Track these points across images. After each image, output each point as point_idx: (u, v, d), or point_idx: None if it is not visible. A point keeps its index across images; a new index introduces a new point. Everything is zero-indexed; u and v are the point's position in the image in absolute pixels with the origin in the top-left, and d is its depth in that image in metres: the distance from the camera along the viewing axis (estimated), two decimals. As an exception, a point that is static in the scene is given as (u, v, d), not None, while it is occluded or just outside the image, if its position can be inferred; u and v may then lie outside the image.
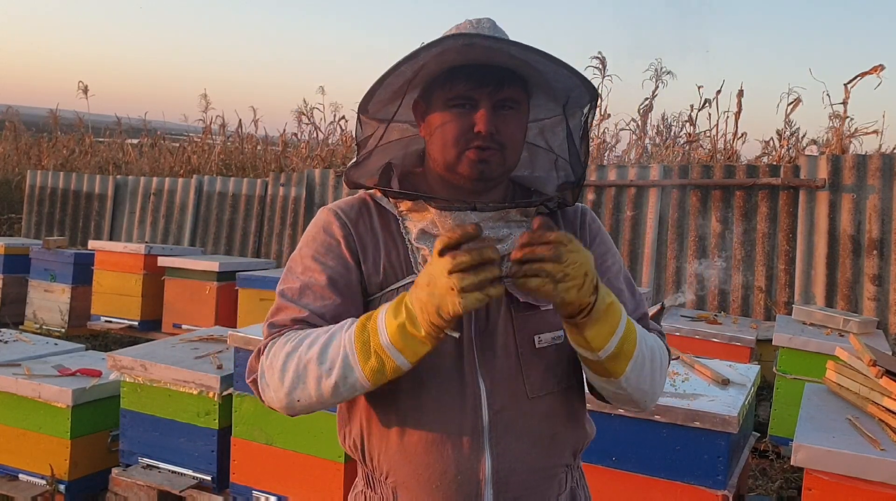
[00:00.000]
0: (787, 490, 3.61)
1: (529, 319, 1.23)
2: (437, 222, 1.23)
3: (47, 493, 3.09)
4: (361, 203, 1.30)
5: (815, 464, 1.95)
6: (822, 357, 3.52)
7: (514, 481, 1.20)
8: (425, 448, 1.19)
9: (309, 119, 10.82)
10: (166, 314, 6.15)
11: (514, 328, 1.22)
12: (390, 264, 1.23)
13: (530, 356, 1.22)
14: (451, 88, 1.18)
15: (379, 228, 1.26)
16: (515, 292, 1.21)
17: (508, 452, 1.20)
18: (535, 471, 1.22)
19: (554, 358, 1.24)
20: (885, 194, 5.51)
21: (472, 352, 1.20)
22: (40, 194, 9.15)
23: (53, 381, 3.12)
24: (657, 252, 6.15)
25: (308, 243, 1.27)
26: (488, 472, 1.19)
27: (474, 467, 1.18)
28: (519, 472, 1.21)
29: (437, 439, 1.18)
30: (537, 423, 1.22)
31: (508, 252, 1.16)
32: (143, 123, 12.35)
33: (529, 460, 1.21)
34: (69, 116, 12.62)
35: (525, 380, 1.22)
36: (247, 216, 7.99)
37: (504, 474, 1.19)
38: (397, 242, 1.25)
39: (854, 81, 6.75)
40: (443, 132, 1.20)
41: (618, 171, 6.41)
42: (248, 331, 2.92)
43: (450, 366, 1.19)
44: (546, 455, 1.23)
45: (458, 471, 1.18)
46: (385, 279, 1.23)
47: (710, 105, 8.21)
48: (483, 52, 1.14)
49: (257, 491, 2.92)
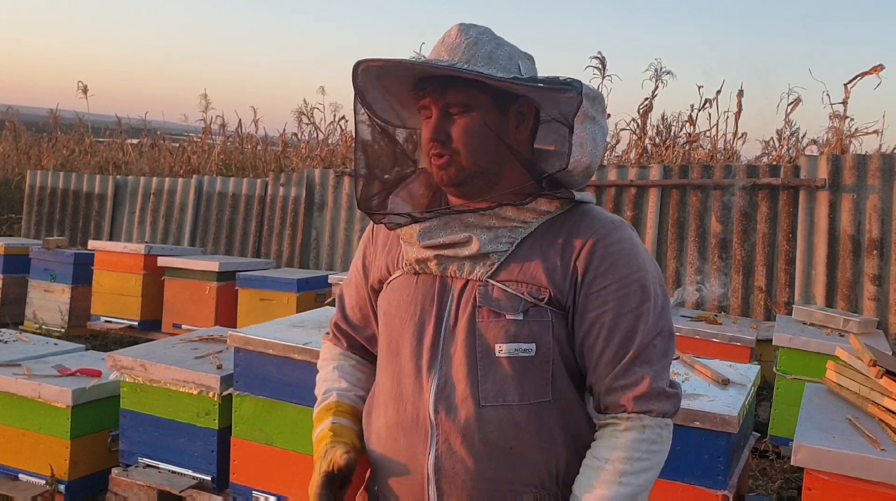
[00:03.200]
0: (787, 490, 3.61)
1: (491, 326, 1.21)
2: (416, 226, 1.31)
3: (47, 493, 3.08)
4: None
5: (815, 464, 1.95)
6: (823, 357, 3.52)
7: (457, 484, 1.19)
8: (387, 432, 1.27)
9: (309, 119, 10.82)
10: (166, 314, 6.15)
11: (476, 332, 1.21)
12: (386, 261, 1.35)
13: (488, 364, 1.20)
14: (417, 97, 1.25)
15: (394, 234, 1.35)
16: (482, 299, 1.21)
17: (451, 455, 1.20)
18: (483, 481, 1.20)
19: (518, 370, 1.20)
20: (885, 194, 5.51)
21: (436, 348, 1.23)
22: (40, 194, 9.15)
23: (53, 381, 3.12)
24: (657, 252, 6.15)
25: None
26: (430, 470, 1.21)
27: (420, 459, 1.22)
28: (463, 478, 1.19)
29: (394, 425, 1.26)
30: (488, 432, 1.19)
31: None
32: (143, 123, 12.35)
33: (476, 468, 1.19)
34: (69, 116, 12.63)
35: (480, 386, 1.20)
36: (247, 216, 7.99)
37: (447, 475, 1.20)
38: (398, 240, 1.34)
39: (854, 81, 6.75)
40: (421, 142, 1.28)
41: (618, 171, 6.41)
42: (248, 331, 2.92)
43: (411, 358, 1.25)
44: (499, 468, 1.20)
45: (408, 460, 1.24)
46: (383, 275, 1.35)
47: (710, 105, 8.21)
48: (401, 68, 1.21)
49: (257, 491, 2.92)
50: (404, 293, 1.28)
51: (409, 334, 1.25)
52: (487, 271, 1.22)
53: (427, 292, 1.26)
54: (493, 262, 1.22)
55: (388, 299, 1.32)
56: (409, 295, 1.27)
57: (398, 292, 1.29)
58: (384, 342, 1.32)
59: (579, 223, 1.23)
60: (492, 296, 1.21)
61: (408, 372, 1.25)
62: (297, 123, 10.89)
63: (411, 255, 1.28)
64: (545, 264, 1.21)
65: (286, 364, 2.79)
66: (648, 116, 8.38)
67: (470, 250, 1.22)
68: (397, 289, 1.30)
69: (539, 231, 1.24)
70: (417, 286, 1.27)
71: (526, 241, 1.23)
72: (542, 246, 1.23)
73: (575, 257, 1.21)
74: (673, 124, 8.88)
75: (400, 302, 1.28)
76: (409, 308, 1.27)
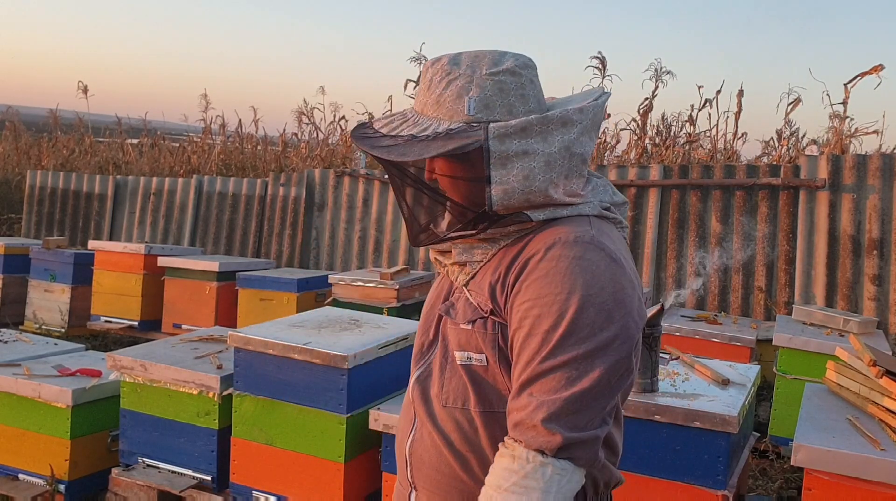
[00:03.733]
0: (787, 490, 3.61)
1: (451, 332, 1.26)
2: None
3: (47, 493, 3.09)
4: None
5: (815, 464, 1.95)
6: (822, 357, 3.52)
7: (423, 472, 1.28)
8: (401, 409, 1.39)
9: (309, 119, 10.81)
10: (166, 314, 6.15)
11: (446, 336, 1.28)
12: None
13: (450, 368, 1.26)
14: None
15: None
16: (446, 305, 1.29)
17: (421, 441, 1.28)
18: (443, 476, 1.24)
19: (471, 379, 1.21)
20: (885, 194, 5.51)
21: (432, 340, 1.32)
22: (40, 194, 9.14)
23: (53, 381, 3.12)
24: (657, 252, 6.15)
25: None
26: (407, 451, 1.31)
27: (403, 441, 1.32)
28: (427, 467, 1.27)
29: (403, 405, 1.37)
30: (447, 433, 1.24)
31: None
32: (143, 123, 12.34)
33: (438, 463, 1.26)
34: (69, 116, 12.62)
35: (443, 388, 1.27)
36: (247, 216, 7.99)
37: (415, 461, 1.29)
38: None
39: (854, 81, 6.75)
40: None
41: (618, 171, 6.41)
42: (248, 331, 2.92)
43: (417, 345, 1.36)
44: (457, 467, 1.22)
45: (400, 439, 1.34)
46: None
47: (710, 105, 8.21)
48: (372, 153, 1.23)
49: (257, 491, 2.92)
50: (432, 291, 1.40)
51: (424, 321, 1.35)
52: (464, 279, 1.28)
53: (441, 289, 1.35)
54: (469, 270, 1.27)
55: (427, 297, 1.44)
56: (433, 292, 1.39)
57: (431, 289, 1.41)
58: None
59: (534, 237, 1.18)
60: (454, 303, 1.27)
61: (415, 357, 1.35)
62: (297, 123, 10.90)
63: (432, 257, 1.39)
64: (492, 278, 1.20)
65: (286, 364, 2.79)
66: (648, 116, 8.38)
67: (450, 257, 1.31)
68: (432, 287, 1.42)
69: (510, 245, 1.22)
70: (440, 286, 1.38)
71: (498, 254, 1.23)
72: (501, 260, 1.21)
73: (512, 270, 1.17)
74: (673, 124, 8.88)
75: (429, 297, 1.39)
76: (429, 301, 1.37)
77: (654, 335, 2.31)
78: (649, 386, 2.37)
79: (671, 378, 2.56)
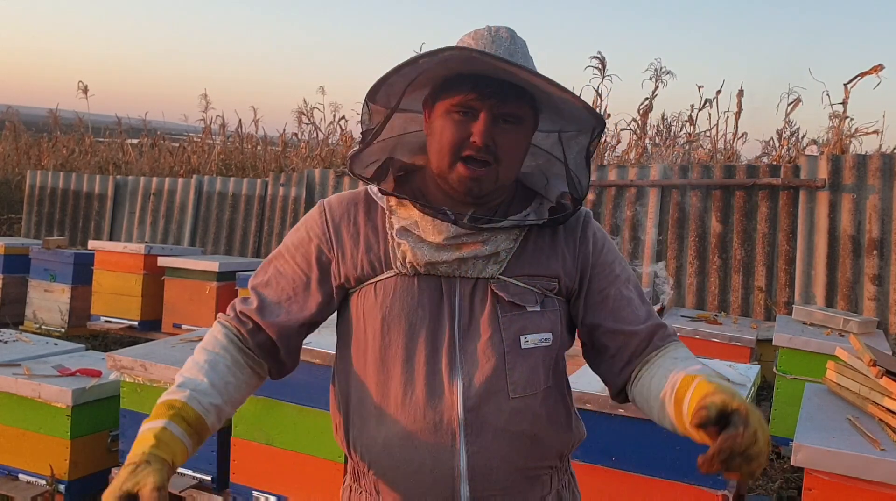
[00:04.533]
0: (787, 490, 3.61)
1: (516, 319, 1.24)
2: (418, 222, 1.24)
3: (47, 493, 3.08)
4: (354, 197, 1.33)
5: (815, 464, 1.95)
6: (822, 357, 3.52)
7: (492, 479, 1.21)
8: (401, 441, 1.21)
9: (309, 119, 10.82)
10: (166, 314, 6.15)
11: (501, 327, 1.23)
12: (369, 260, 1.26)
13: (515, 357, 1.23)
14: (455, 94, 1.18)
15: (363, 223, 1.29)
16: (501, 292, 1.24)
17: (485, 450, 1.20)
18: (515, 471, 1.23)
19: (539, 360, 1.25)
20: (885, 194, 5.51)
21: (453, 349, 1.21)
22: (40, 194, 9.15)
23: (53, 381, 3.12)
24: (657, 252, 6.15)
25: (292, 232, 1.35)
26: (463, 468, 1.20)
27: (448, 462, 1.19)
28: (497, 470, 1.21)
29: (412, 433, 1.20)
30: (518, 423, 1.22)
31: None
32: (143, 123, 12.35)
33: (509, 459, 1.22)
34: (69, 116, 12.62)
35: (508, 380, 1.22)
36: (247, 216, 7.99)
37: (481, 471, 1.20)
38: (380, 237, 1.27)
39: (854, 81, 6.75)
40: (440, 138, 1.20)
41: (618, 171, 6.41)
42: (248, 331, 2.92)
43: (427, 362, 1.21)
44: (527, 456, 1.24)
45: (433, 466, 1.20)
46: (362, 274, 1.26)
47: (710, 105, 8.21)
48: (488, 66, 1.14)
49: (257, 491, 2.91)
50: (406, 296, 1.23)
51: (422, 337, 1.21)
52: (499, 268, 1.24)
53: (433, 293, 1.23)
54: (503, 259, 1.25)
55: (382, 302, 1.23)
56: (413, 298, 1.23)
57: (398, 295, 1.23)
58: (377, 348, 1.24)
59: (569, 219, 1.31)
60: (511, 291, 1.24)
61: (423, 377, 1.21)
62: (297, 123, 10.90)
63: (421, 257, 1.22)
64: (556, 255, 1.28)
65: (286, 364, 2.79)
66: (648, 116, 8.39)
67: (486, 250, 1.23)
68: (395, 291, 1.23)
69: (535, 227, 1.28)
70: (421, 288, 1.23)
71: (528, 237, 1.28)
72: (544, 240, 1.28)
73: (579, 244, 1.31)
74: (673, 124, 8.90)
75: (403, 305, 1.23)
76: (416, 311, 1.22)
77: (654, 335, 2.30)
78: (649, 386, 2.37)
79: (671, 378, 2.56)
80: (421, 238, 1.23)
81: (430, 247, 1.22)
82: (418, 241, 1.22)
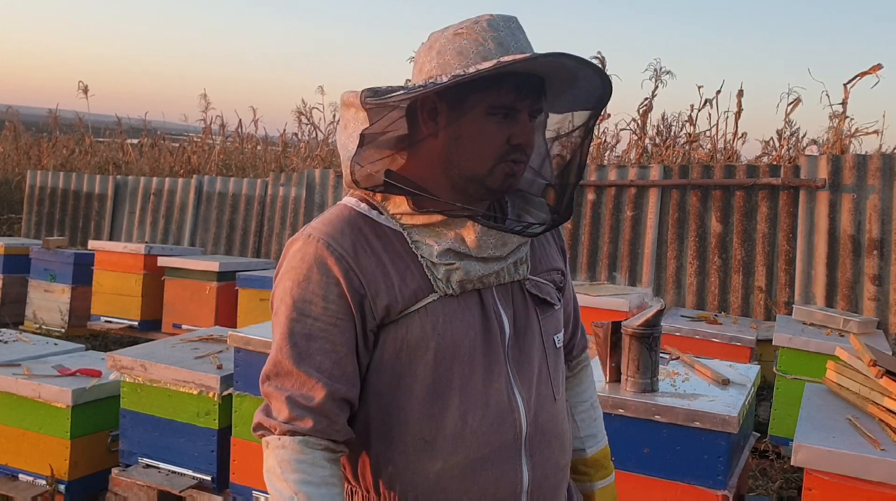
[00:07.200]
0: (787, 490, 3.61)
1: (549, 319, 1.24)
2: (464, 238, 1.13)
3: (47, 493, 3.08)
4: (350, 225, 1.14)
5: (815, 464, 1.95)
6: (823, 357, 3.52)
7: (546, 486, 1.19)
8: (461, 472, 1.12)
9: (308, 119, 10.82)
10: (166, 314, 6.15)
11: (542, 330, 1.21)
12: (406, 286, 1.11)
13: (554, 358, 1.24)
14: (497, 95, 1.10)
15: (381, 250, 1.13)
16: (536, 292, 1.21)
17: (544, 459, 1.18)
18: (558, 472, 1.23)
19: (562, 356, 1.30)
20: (885, 194, 5.50)
21: (507, 363, 1.15)
22: (40, 194, 9.14)
23: (53, 381, 3.12)
24: (657, 252, 6.15)
25: (296, 290, 1.11)
26: (526, 483, 1.16)
27: (513, 481, 1.14)
28: (549, 476, 1.20)
29: (475, 460, 1.12)
30: (560, 424, 1.24)
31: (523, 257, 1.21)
32: (143, 123, 12.35)
33: (557, 464, 1.22)
34: (69, 116, 12.62)
35: (552, 383, 1.22)
36: (247, 216, 7.99)
37: (538, 482, 1.18)
38: (407, 261, 1.13)
39: (853, 80, 6.75)
40: (481, 141, 1.11)
41: (618, 171, 6.41)
42: (248, 331, 2.92)
43: (485, 383, 1.13)
44: (564, 455, 1.26)
45: (497, 489, 1.13)
46: (402, 305, 1.11)
47: (710, 105, 8.20)
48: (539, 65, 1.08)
49: (257, 491, 2.92)
50: (455, 319, 1.12)
51: (478, 359, 1.13)
52: (528, 268, 1.22)
53: (476, 308, 1.15)
54: (524, 259, 1.22)
55: (433, 330, 1.11)
56: (463, 319, 1.13)
57: (449, 320, 1.12)
58: (427, 379, 1.11)
59: None
60: (542, 290, 1.23)
61: (483, 401, 1.13)
62: (297, 123, 10.90)
63: (474, 274, 1.13)
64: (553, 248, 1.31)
65: (286, 364, 2.79)
66: (648, 116, 8.38)
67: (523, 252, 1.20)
68: (444, 316, 1.12)
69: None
70: (467, 306, 1.14)
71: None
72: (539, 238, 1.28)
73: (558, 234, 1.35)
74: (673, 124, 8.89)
75: (455, 329, 1.12)
76: (468, 333, 1.12)
77: (654, 335, 2.30)
78: (649, 386, 2.37)
79: (671, 378, 2.56)
80: (470, 255, 1.13)
81: (479, 263, 1.14)
82: (468, 259, 1.13)
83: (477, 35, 1.10)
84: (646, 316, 2.27)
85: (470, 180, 1.14)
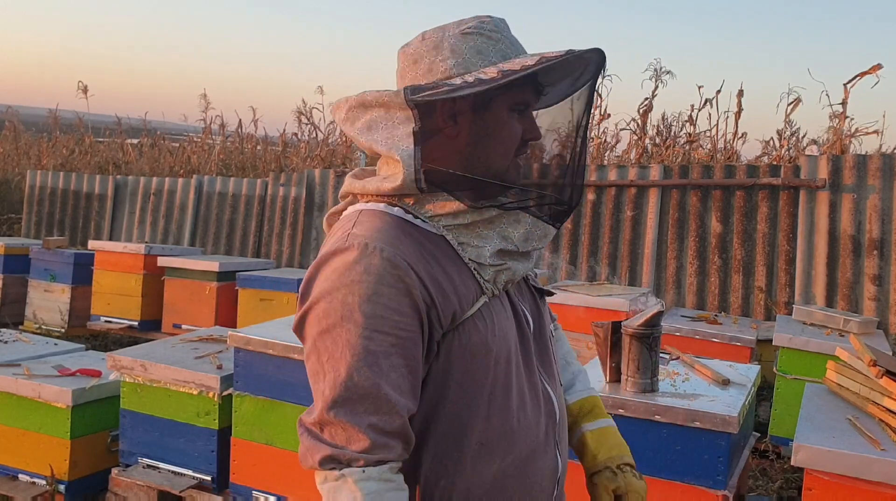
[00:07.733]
0: (787, 490, 3.61)
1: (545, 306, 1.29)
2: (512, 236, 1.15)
3: (47, 493, 3.08)
4: (404, 232, 1.09)
5: (816, 464, 1.95)
6: (823, 357, 3.52)
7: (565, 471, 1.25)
8: (517, 469, 1.12)
9: (308, 119, 10.82)
10: (166, 314, 6.15)
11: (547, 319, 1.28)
12: (464, 293, 1.09)
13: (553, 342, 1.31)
14: (521, 93, 1.13)
15: (439, 256, 1.10)
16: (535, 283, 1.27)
17: (564, 442, 1.25)
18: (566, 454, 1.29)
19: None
20: (885, 194, 5.51)
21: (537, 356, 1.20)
22: (40, 194, 9.14)
23: (53, 381, 3.12)
24: (657, 252, 6.15)
25: (368, 298, 1.02)
26: (560, 469, 1.22)
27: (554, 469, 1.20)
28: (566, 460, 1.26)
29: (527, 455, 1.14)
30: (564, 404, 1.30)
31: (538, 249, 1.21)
32: (143, 123, 12.35)
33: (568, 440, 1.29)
34: (69, 116, 12.62)
35: (556, 366, 1.27)
36: (247, 216, 7.99)
37: (564, 466, 1.24)
38: (459, 265, 1.11)
39: (853, 80, 6.75)
40: (508, 137, 1.14)
41: (618, 171, 6.41)
42: (248, 331, 2.92)
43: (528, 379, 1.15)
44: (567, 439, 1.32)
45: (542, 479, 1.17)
46: (464, 309, 1.09)
47: (710, 105, 8.20)
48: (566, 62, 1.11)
49: (257, 491, 2.91)
50: (502, 319, 1.14)
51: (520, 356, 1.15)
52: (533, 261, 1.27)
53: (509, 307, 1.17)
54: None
55: (491, 333, 1.10)
56: (508, 318, 1.15)
57: (499, 321, 1.13)
58: (486, 382, 1.10)
59: None
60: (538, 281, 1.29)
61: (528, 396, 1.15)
62: (296, 123, 10.90)
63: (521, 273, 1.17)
64: None
65: (286, 364, 2.79)
66: (648, 116, 8.38)
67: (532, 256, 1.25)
68: (495, 318, 1.12)
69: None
70: (504, 305, 1.16)
71: None
72: None
73: None
74: (673, 124, 8.89)
75: (504, 330, 1.13)
76: (512, 332, 1.15)
77: (654, 335, 2.30)
78: (649, 386, 2.37)
79: (671, 378, 2.56)
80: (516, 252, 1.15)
81: (522, 260, 1.17)
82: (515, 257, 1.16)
83: (489, 35, 1.12)
84: (646, 316, 2.27)
85: (493, 176, 1.14)
